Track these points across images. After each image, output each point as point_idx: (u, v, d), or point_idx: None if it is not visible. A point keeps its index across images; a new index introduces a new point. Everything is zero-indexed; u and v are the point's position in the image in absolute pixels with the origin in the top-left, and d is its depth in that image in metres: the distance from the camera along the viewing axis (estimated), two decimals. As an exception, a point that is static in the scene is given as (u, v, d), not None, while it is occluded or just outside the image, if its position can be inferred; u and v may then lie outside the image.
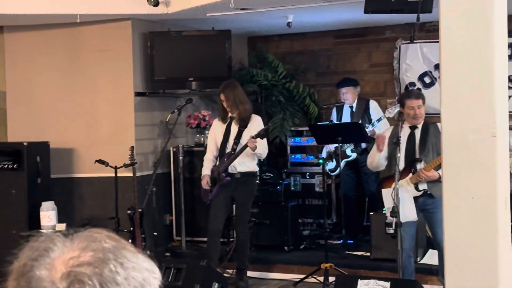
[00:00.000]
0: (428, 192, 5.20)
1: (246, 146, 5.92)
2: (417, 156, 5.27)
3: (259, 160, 7.63)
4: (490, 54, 1.78)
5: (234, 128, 6.13)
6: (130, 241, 6.44)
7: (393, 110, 6.40)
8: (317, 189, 7.66)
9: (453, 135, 1.85)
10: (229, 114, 6.15)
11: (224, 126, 6.17)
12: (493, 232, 1.82)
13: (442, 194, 5.27)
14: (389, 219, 5.03)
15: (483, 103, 1.80)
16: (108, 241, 1.01)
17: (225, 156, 6.12)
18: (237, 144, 6.07)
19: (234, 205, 6.39)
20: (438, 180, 5.16)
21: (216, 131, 6.23)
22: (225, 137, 6.14)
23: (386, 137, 5.34)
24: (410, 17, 6.26)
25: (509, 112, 6.95)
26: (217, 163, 6.21)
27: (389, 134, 5.48)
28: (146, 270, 1.02)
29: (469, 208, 1.83)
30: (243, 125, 6.10)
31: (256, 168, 6.23)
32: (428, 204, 5.19)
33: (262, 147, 6.06)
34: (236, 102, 6.05)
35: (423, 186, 5.21)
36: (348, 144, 7.18)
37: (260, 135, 5.89)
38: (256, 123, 6.14)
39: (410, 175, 5.23)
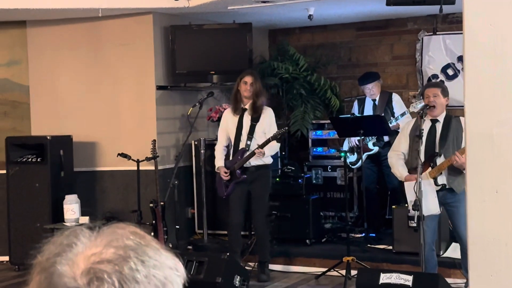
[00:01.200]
0: (447, 187, 5.15)
1: (253, 153, 5.96)
2: (437, 150, 5.22)
3: (280, 152, 7.64)
4: (515, 46, 1.76)
5: (247, 122, 6.14)
6: (152, 234, 6.48)
7: (417, 105, 6.35)
8: (338, 182, 7.64)
9: (477, 129, 1.83)
10: (242, 105, 6.15)
11: (236, 118, 6.17)
12: (518, 227, 1.80)
13: (463, 188, 5.26)
14: (412, 212, 5.00)
15: (508, 96, 1.78)
16: (132, 238, 1.01)
17: (239, 152, 6.12)
18: (250, 140, 6.09)
19: (251, 199, 6.39)
20: (458, 174, 5.13)
21: (227, 123, 6.25)
22: (238, 130, 6.15)
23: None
24: (433, 9, 6.21)
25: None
26: (231, 157, 6.21)
27: (410, 127, 5.44)
28: (169, 267, 1.01)
29: (493, 202, 1.81)
30: (255, 117, 6.11)
31: (270, 161, 6.24)
32: (449, 198, 5.14)
33: (272, 150, 6.09)
34: (258, 91, 6.10)
35: (442, 181, 5.17)
36: (370, 137, 7.14)
37: (276, 138, 5.94)
38: (268, 117, 6.16)
39: (430, 169, 5.18)
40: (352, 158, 7.30)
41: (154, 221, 6.54)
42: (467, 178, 1.88)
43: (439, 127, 5.28)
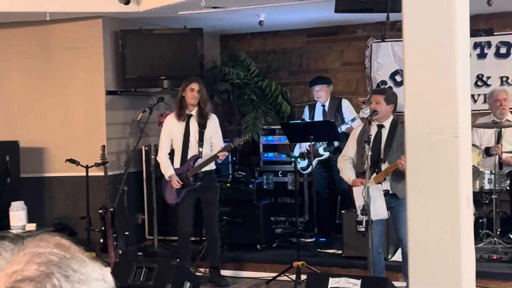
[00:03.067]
0: (391, 192, 5.24)
1: (216, 156, 5.96)
2: (382, 156, 5.30)
3: (232, 159, 7.65)
4: (452, 56, 1.81)
5: (194, 128, 6.10)
6: (101, 240, 6.41)
7: (367, 110, 6.46)
8: (289, 187, 7.68)
9: (417, 136, 1.87)
10: (187, 111, 6.13)
11: (182, 124, 6.13)
12: (456, 231, 1.84)
13: (405, 193, 5.34)
14: (360, 217, 5.06)
15: (446, 104, 1.82)
16: (55, 252, 0.97)
17: (191, 159, 6.09)
18: (202, 146, 6.08)
19: (202, 205, 6.35)
20: (401, 180, 5.22)
21: (172, 129, 6.19)
22: (186, 137, 6.12)
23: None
24: (381, 16, 6.29)
25: (480, 110, 7.00)
26: (177, 164, 6.15)
27: (358, 132, 5.52)
28: (96, 279, 0.99)
29: (432, 208, 1.86)
30: (203, 123, 6.09)
31: (214, 166, 6.25)
32: (392, 202, 5.24)
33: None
34: (205, 98, 6.10)
35: (385, 186, 5.25)
36: (321, 143, 7.21)
37: (239, 145, 5.97)
38: (214, 123, 6.17)
39: (374, 174, 5.25)
40: (303, 163, 7.35)
41: (103, 228, 6.46)
42: (407, 184, 1.91)
43: (384, 133, 5.37)
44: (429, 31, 1.85)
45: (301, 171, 7.35)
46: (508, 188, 6.62)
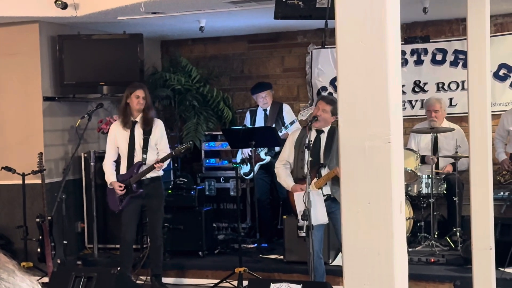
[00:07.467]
0: (332, 197, 5.30)
1: (153, 167, 5.90)
2: (322, 161, 5.36)
3: (173, 165, 7.59)
4: (384, 63, 1.84)
5: (139, 135, 6.04)
6: (39, 250, 6.27)
7: (306, 113, 6.51)
8: (231, 193, 7.69)
9: (350, 142, 1.89)
10: (132, 118, 6.05)
11: (127, 132, 6.06)
12: (389, 236, 1.87)
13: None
14: (301, 222, 5.09)
15: (378, 111, 1.85)
16: None
17: (134, 166, 6.02)
18: (146, 153, 6.01)
19: (146, 212, 6.29)
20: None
21: (117, 136, 6.11)
22: (131, 144, 6.04)
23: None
24: (321, 23, 6.36)
25: (417, 116, 7.13)
26: (122, 171, 6.07)
27: (296, 136, 5.54)
28: None
29: (366, 213, 1.88)
30: (147, 130, 6.03)
31: (161, 173, 6.17)
32: (333, 207, 5.29)
33: (166, 163, 6.10)
34: (150, 104, 6.05)
35: (326, 191, 5.31)
36: (262, 147, 7.23)
37: (180, 152, 5.92)
38: (159, 129, 6.10)
39: (315, 180, 5.30)
40: (245, 169, 7.36)
41: (41, 237, 6.33)
42: (342, 190, 1.93)
43: (323, 138, 5.42)
44: (360, 39, 1.87)
45: (243, 176, 7.36)
46: (445, 192, 6.78)
